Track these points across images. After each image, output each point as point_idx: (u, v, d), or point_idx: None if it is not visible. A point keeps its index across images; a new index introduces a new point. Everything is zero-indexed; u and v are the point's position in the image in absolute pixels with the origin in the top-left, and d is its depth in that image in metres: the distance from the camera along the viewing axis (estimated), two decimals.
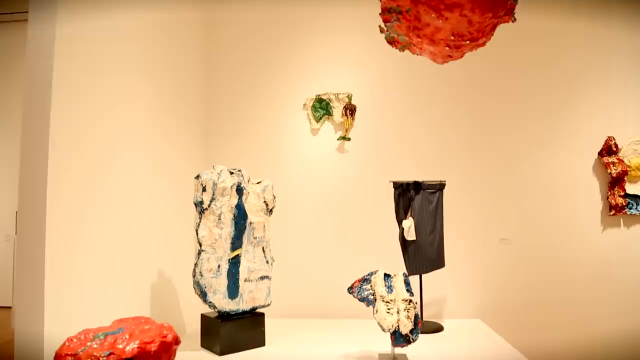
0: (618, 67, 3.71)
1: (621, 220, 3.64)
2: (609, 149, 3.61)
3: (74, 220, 2.04)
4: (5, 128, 5.76)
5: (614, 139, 3.61)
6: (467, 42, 1.65)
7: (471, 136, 3.69)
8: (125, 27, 2.50)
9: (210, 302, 2.46)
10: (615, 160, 3.58)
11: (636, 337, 3.57)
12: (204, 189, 2.48)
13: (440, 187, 3.10)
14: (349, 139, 3.67)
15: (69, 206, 2.01)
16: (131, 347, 1.10)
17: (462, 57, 1.78)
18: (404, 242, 2.99)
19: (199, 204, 2.47)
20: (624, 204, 3.57)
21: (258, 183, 2.74)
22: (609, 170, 3.58)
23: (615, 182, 3.58)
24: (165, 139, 2.98)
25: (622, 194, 3.57)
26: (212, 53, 3.84)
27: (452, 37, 1.63)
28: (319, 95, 3.68)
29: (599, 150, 3.64)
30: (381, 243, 3.50)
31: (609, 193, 3.60)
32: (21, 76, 2.04)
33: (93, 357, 1.04)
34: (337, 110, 3.67)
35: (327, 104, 3.67)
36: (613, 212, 3.57)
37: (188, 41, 3.48)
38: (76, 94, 2.08)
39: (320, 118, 3.68)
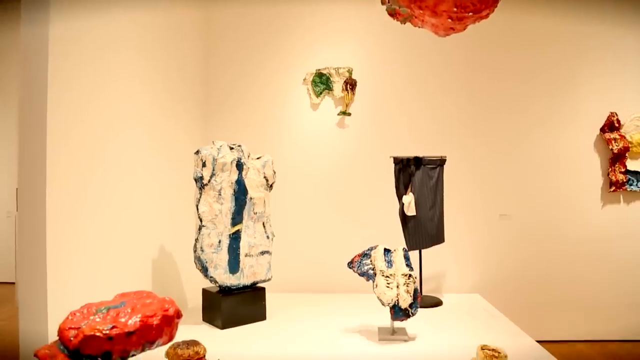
0: (623, 43, 3.66)
1: (621, 197, 3.64)
2: (611, 125, 3.59)
3: (74, 197, 2.04)
4: (6, 107, 5.73)
5: (617, 114, 3.59)
6: (470, 14, 1.61)
7: (472, 112, 3.66)
8: (122, 6, 2.46)
9: (211, 277, 2.48)
10: (617, 137, 3.56)
11: (636, 312, 3.61)
12: (203, 165, 2.47)
13: (440, 162, 3.09)
14: (349, 114, 3.64)
15: (69, 184, 2.00)
16: (133, 320, 1.11)
17: (464, 29, 1.75)
18: (404, 218, 2.99)
19: (199, 180, 2.47)
20: (625, 180, 3.56)
21: (258, 158, 2.73)
22: (610, 147, 3.56)
23: (616, 158, 3.57)
24: (164, 116, 2.96)
25: (622, 170, 3.56)
26: (211, 29, 3.78)
27: (455, 9, 1.59)
28: (319, 69, 3.64)
29: (601, 126, 3.62)
30: (381, 218, 3.51)
31: (610, 169, 3.59)
32: (18, 55, 2.01)
33: (96, 331, 1.05)
34: (338, 85, 3.63)
35: (328, 78, 3.64)
36: (613, 188, 3.57)
37: (186, 17, 3.42)
38: (74, 72, 2.05)
39: (321, 93, 3.65)
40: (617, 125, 3.59)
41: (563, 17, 3.66)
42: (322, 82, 3.64)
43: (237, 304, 2.51)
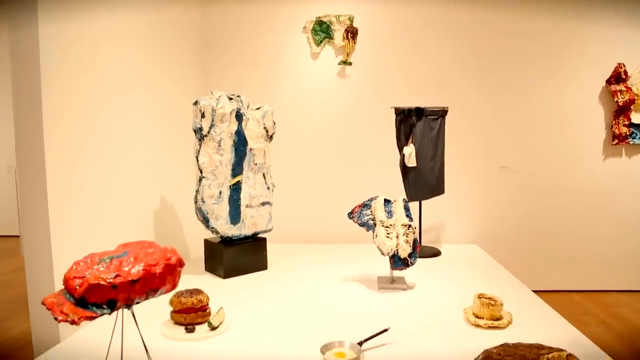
0: None
1: (623, 150, 3.62)
2: (617, 77, 3.51)
3: (74, 150, 2.02)
4: (3, 61, 5.61)
5: (624, 65, 3.51)
6: None
7: (475, 61, 3.58)
8: None
9: (212, 228, 2.50)
10: (623, 89, 3.50)
11: (633, 264, 3.67)
12: (202, 115, 2.44)
13: (442, 113, 3.05)
14: (350, 64, 3.56)
15: (68, 137, 1.99)
16: (136, 269, 1.11)
17: None
18: (405, 169, 2.99)
19: (198, 131, 2.44)
20: (628, 133, 3.53)
21: (257, 109, 2.69)
22: (615, 99, 3.51)
23: (621, 111, 3.52)
24: (161, 68, 2.90)
25: (626, 123, 3.52)
26: None
27: None
28: (319, 17, 3.53)
29: (607, 77, 3.55)
30: (381, 169, 3.51)
31: (614, 122, 3.55)
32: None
33: (100, 279, 1.06)
34: (338, 33, 3.53)
35: (328, 26, 3.53)
36: (616, 141, 3.54)
37: None
38: (69, 28, 1.99)
39: (321, 41, 3.55)
40: (623, 76, 3.51)
41: None
42: (322, 30, 3.54)
43: (238, 254, 2.55)
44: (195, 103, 2.45)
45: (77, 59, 2.06)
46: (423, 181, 2.98)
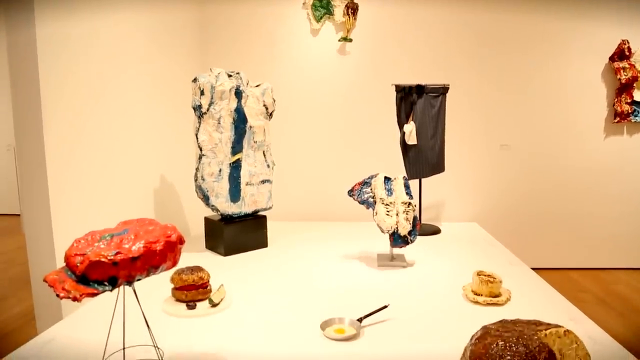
0: None
1: (624, 128, 3.61)
2: (621, 53, 3.47)
3: (73, 129, 2.01)
4: (2, 38, 5.53)
5: (628, 42, 3.47)
6: None
7: (476, 38, 3.54)
8: None
9: (212, 206, 2.50)
10: (627, 66, 3.46)
11: (632, 242, 3.69)
12: (202, 93, 2.41)
13: (443, 90, 3.02)
14: (350, 40, 3.52)
15: (67, 115, 1.97)
16: (137, 246, 1.11)
17: None
18: (405, 147, 2.97)
19: (197, 108, 2.42)
20: (630, 111, 3.50)
21: (257, 86, 2.66)
22: (618, 76, 3.47)
23: (624, 88, 3.49)
24: (160, 45, 2.87)
25: (629, 101, 3.50)
26: None
27: None
28: None
29: (610, 54, 3.51)
30: (382, 147, 3.50)
31: (616, 100, 3.53)
32: None
33: (101, 257, 1.06)
34: (339, 9, 3.48)
35: (328, 2, 3.47)
36: (617, 119, 3.52)
37: None
38: (68, 3, 1.96)
39: (321, 18, 3.50)
40: (627, 53, 3.47)
41: None
42: (322, 6, 3.48)
43: (239, 232, 2.55)
44: (195, 80, 2.43)
45: (76, 36, 2.03)
46: (423, 159, 2.97)
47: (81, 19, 2.07)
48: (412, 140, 2.92)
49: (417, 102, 2.94)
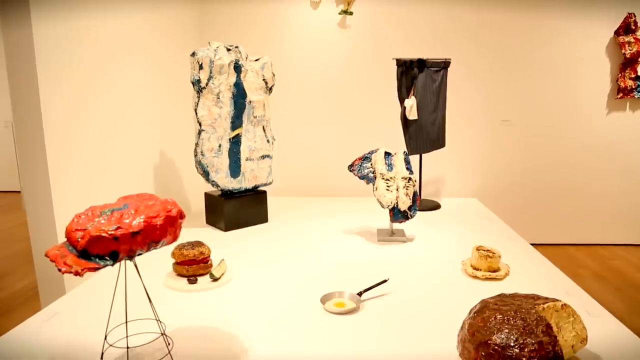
0: None
1: (627, 104, 3.58)
2: (627, 27, 3.42)
3: (72, 104, 2.00)
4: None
5: (634, 16, 3.41)
6: None
7: (478, 12, 3.48)
8: None
9: (213, 181, 2.50)
10: (632, 40, 3.41)
11: (631, 218, 3.70)
12: (200, 67, 2.38)
13: (445, 65, 2.98)
14: (351, 13, 3.46)
15: (65, 90, 1.95)
16: (137, 221, 1.11)
17: None
18: (405, 122, 2.96)
19: (196, 83, 2.40)
20: (633, 86, 3.47)
21: (256, 60, 2.62)
22: (623, 51, 3.43)
23: (628, 63, 3.45)
24: (158, 19, 2.81)
25: (632, 76, 3.46)
26: None
27: None
28: None
29: (615, 28, 3.45)
30: (382, 122, 3.48)
31: (619, 75, 3.49)
32: None
33: (102, 231, 1.06)
34: None
35: None
36: (620, 95, 3.49)
37: None
38: None
39: None
40: (633, 27, 3.42)
41: None
42: None
43: (239, 207, 2.56)
44: (193, 54, 2.39)
45: (75, 13, 1.99)
46: (424, 134, 2.95)
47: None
48: (412, 115, 2.90)
49: (418, 76, 2.91)
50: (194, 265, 1.76)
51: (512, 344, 1.00)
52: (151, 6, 2.73)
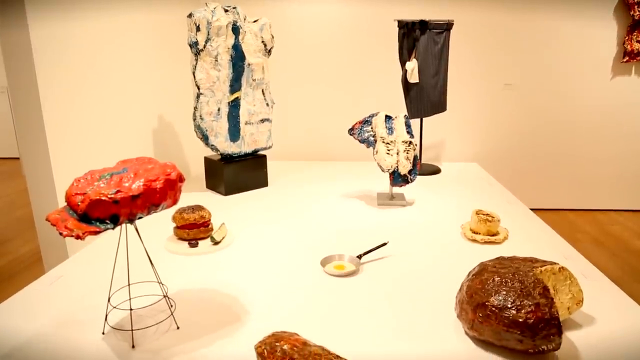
0: None
1: (633, 68, 3.52)
2: None
3: (68, 68, 1.96)
4: None
5: None
6: None
7: None
8: None
9: (212, 145, 2.49)
10: None
11: (630, 184, 3.70)
12: (197, 29, 2.33)
13: (447, 27, 2.91)
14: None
15: (62, 53, 1.91)
16: (137, 185, 1.11)
17: None
18: (407, 85, 2.92)
19: (193, 45, 2.35)
20: None
21: (255, 22, 2.56)
22: (632, 12, 3.34)
23: (636, 25, 3.37)
24: None
25: None
26: None
27: None
28: None
29: None
30: (383, 85, 3.43)
31: (627, 38, 3.41)
32: None
33: (101, 195, 1.05)
34: None
35: None
36: (626, 58, 3.43)
37: None
38: None
39: None
40: None
41: None
42: None
43: (239, 171, 2.56)
44: (190, 16, 2.33)
45: None
46: (425, 98, 2.92)
47: None
48: (414, 78, 2.86)
49: (420, 38, 2.85)
50: (194, 229, 1.77)
51: (509, 306, 1.01)
52: None
